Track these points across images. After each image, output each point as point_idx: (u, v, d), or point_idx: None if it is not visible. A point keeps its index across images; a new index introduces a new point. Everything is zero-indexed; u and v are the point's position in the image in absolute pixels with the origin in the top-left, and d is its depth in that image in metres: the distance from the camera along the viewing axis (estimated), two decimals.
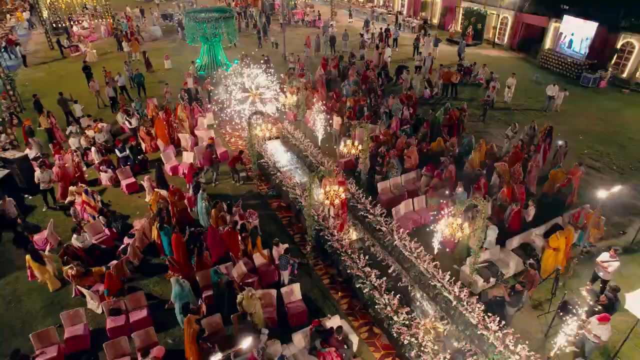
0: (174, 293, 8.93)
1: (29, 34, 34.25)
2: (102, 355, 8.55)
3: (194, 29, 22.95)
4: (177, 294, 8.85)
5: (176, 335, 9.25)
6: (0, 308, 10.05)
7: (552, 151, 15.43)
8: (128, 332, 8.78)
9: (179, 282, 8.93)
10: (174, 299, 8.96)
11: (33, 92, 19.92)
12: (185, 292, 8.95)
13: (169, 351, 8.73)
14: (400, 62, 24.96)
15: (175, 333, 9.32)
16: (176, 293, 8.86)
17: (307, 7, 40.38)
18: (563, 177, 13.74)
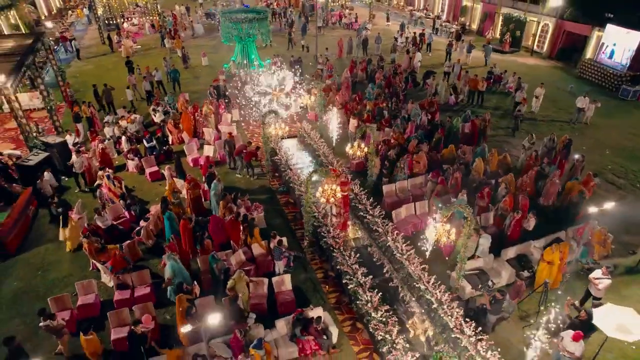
0: (170, 267, 9.72)
1: (86, 29, 36.92)
2: (107, 323, 9.51)
3: (229, 28, 24.01)
4: (172, 267, 9.64)
5: (174, 313, 10.09)
6: (29, 275, 11.32)
7: (569, 164, 15.10)
8: (131, 305, 9.70)
9: (172, 257, 9.73)
10: (171, 275, 9.76)
11: (82, 82, 21.72)
12: (179, 267, 9.75)
13: (166, 326, 9.62)
14: (431, 67, 24.93)
15: (174, 310, 10.16)
16: (172, 267, 9.66)
17: (346, 9, 40.84)
18: (579, 189, 13.53)
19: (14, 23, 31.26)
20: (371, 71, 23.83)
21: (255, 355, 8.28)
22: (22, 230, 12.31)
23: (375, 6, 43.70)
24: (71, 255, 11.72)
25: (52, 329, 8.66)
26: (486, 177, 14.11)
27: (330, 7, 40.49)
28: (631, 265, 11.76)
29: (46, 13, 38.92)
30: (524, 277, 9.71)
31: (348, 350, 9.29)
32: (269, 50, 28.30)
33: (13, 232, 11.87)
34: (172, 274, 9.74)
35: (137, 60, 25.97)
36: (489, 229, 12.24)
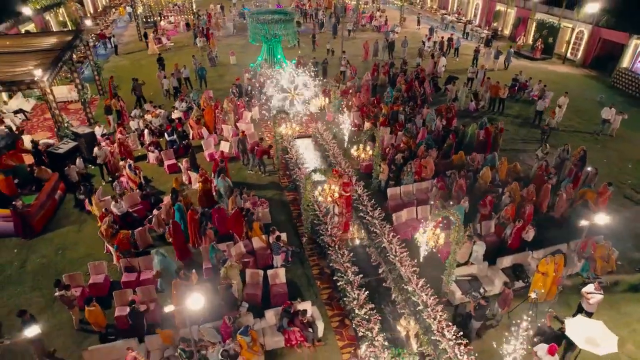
0: (158, 262, 10.41)
1: (126, 26, 38.84)
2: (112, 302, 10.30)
3: (256, 29, 24.73)
4: (161, 262, 10.34)
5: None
6: (51, 253, 12.35)
7: (583, 176, 14.76)
8: (136, 287, 10.44)
9: (160, 253, 10.44)
10: (160, 269, 10.44)
11: (118, 77, 23.04)
12: (168, 261, 10.41)
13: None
14: (456, 73, 24.74)
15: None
16: (160, 261, 10.35)
17: (378, 11, 40.91)
18: (593, 198, 13.29)
19: (62, 20, 33.38)
20: (393, 74, 23.93)
21: (241, 342, 8.81)
22: (48, 212, 13.40)
23: (407, 9, 43.55)
24: (89, 238, 12.66)
25: (65, 299, 9.52)
26: (494, 185, 14.08)
27: (362, 9, 40.66)
28: (636, 282, 11.49)
29: (92, 10, 41.22)
30: (511, 286, 9.72)
31: (333, 345, 9.65)
32: (296, 51, 28.88)
33: (39, 214, 12.95)
34: (161, 267, 10.41)
35: (170, 57, 27.19)
36: (489, 237, 12.28)
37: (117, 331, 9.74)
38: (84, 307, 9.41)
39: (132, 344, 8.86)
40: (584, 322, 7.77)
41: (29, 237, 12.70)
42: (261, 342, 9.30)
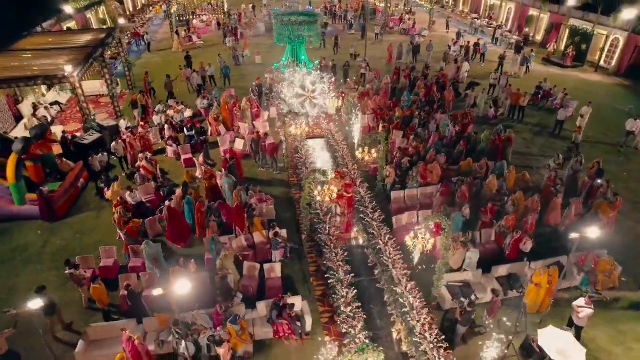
0: (145, 254, 11.06)
1: (161, 24, 40.43)
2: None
3: (281, 30, 25.30)
4: (146, 253, 10.96)
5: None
6: (70, 236, 13.29)
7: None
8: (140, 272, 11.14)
9: (147, 244, 11.16)
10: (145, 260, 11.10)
11: (149, 73, 24.17)
12: (153, 251, 11.02)
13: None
14: (480, 79, 24.44)
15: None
16: (147, 253, 10.99)
17: (407, 14, 40.73)
18: (608, 211, 13.02)
19: (102, 18, 35.19)
20: (414, 78, 23.91)
21: (230, 330, 9.29)
22: (71, 199, 14.39)
23: (437, 13, 43.15)
24: (104, 225, 13.51)
25: (74, 277, 10.30)
26: (501, 194, 13.97)
27: (391, 12, 40.59)
28: (638, 300, 11.19)
29: (131, 9, 43.12)
30: (498, 294, 9.73)
31: (320, 340, 9.97)
32: (320, 52, 29.28)
33: (62, 200, 13.95)
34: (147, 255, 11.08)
35: (199, 55, 28.18)
36: (488, 245, 12.28)
37: (120, 312, 10.46)
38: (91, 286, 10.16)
39: (131, 324, 9.53)
40: (556, 333, 7.74)
41: (52, 220, 13.70)
42: (251, 332, 9.76)
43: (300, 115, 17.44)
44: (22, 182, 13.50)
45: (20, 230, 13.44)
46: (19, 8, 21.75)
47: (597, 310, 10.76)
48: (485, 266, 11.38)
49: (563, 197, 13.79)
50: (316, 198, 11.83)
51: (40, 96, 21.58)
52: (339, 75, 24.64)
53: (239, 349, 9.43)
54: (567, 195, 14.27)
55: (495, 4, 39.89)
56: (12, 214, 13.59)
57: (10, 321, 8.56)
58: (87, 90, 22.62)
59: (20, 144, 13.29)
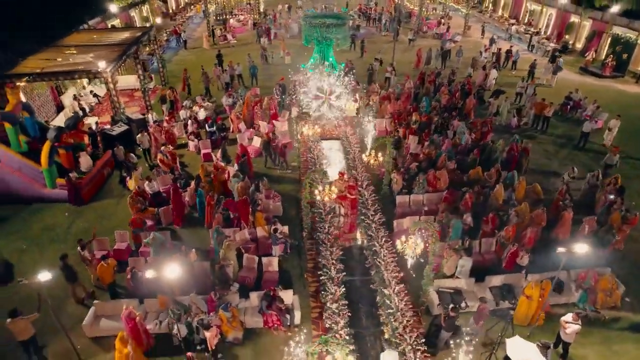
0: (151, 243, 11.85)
1: (200, 23, 42.02)
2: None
3: (309, 31, 25.84)
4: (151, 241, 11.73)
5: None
6: (93, 220, 14.37)
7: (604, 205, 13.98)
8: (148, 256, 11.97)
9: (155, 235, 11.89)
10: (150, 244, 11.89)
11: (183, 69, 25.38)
12: (159, 242, 11.76)
13: None
14: (509, 87, 23.95)
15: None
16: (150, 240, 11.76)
17: (443, 18, 40.24)
18: (621, 226, 12.72)
19: (145, 16, 37.08)
20: (438, 84, 23.80)
21: (222, 316, 9.89)
22: (96, 185, 15.54)
23: (475, 17, 42.37)
24: (123, 211, 14.49)
25: (82, 257, 11.21)
26: (509, 205, 13.82)
27: (426, 16, 40.22)
28: (638, 322, 10.87)
29: (174, 7, 45.07)
30: (485, 300, 9.75)
31: (307, 333, 10.37)
32: (348, 55, 29.56)
33: (89, 186, 15.11)
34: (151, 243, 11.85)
35: (231, 54, 29.18)
36: (488, 255, 12.26)
37: (126, 292, 11.32)
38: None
39: (133, 304, 10.33)
40: (522, 344, 7.77)
41: (78, 204, 14.86)
42: (242, 320, 10.32)
43: (313, 116, 17.87)
44: (54, 168, 14.73)
45: (50, 211, 14.70)
46: (68, 6, 23.43)
47: (593, 329, 10.67)
48: (481, 275, 11.42)
49: (577, 213, 13.51)
50: (316, 197, 12.22)
51: (81, 88, 23.19)
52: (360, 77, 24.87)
53: (229, 335, 10.02)
54: (582, 211, 13.99)
55: (535, 10, 38.68)
56: (44, 196, 14.86)
57: (35, 305, 9.50)
58: (122, 84, 24.22)
59: (53, 132, 14.52)
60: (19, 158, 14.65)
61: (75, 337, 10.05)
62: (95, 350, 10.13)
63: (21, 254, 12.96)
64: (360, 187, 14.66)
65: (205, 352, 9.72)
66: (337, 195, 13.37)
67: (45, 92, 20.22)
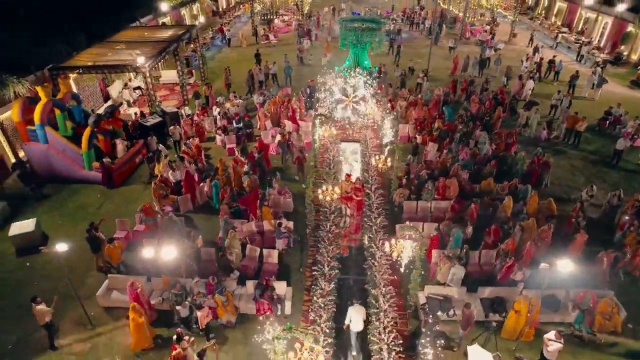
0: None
1: (247, 21, 43.58)
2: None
3: (345, 34, 26.28)
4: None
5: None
6: (121, 202, 15.71)
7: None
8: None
9: (172, 219, 12.78)
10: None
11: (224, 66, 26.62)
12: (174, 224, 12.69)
13: None
14: (547, 98, 23.20)
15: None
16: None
17: (489, 24, 39.23)
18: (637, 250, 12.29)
19: (195, 14, 39.05)
20: (470, 92, 23.48)
21: (217, 299, 10.66)
22: (127, 171, 16.93)
23: (525, 24, 40.97)
24: (148, 197, 15.68)
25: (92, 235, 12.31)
26: (519, 218, 13.63)
27: (471, 22, 39.37)
28: (637, 350, 10.49)
29: (224, 6, 47.01)
30: (470, 307, 9.80)
31: (295, 324, 10.87)
32: (383, 59, 29.67)
33: (120, 171, 16.51)
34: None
35: (271, 54, 30.13)
36: (486, 267, 12.24)
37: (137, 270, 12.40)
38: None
39: (142, 280, 11.35)
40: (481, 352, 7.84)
41: (110, 187, 16.29)
42: (236, 305, 11.05)
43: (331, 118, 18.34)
44: (92, 151, 16.22)
45: (85, 191, 16.22)
46: (121, 5, 25.38)
47: (585, 350, 10.48)
48: (475, 285, 11.45)
49: (594, 233, 13.13)
50: (318, 196, 12.72)
51: (128, 81, 25.03)
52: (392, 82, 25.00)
53: (223, 317, 10.78)
54: (599, 232, 13.58)
55: (590, 18, 36.79)
56: (82, 177, 16.41)
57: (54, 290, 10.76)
58: (165, 78, 25.90)
59: (93, 118, 16.00)
60: (65, 141, 16.23)
61: (90, 306, 11.25)
62: (106, 319, 11.25)
63: (57, 227, 14.46)
64: (369, 190, 14.98)
65: (199, 330, 10.53)
66: (343, 196, 13.85)
67: (94, 84, 22.09)
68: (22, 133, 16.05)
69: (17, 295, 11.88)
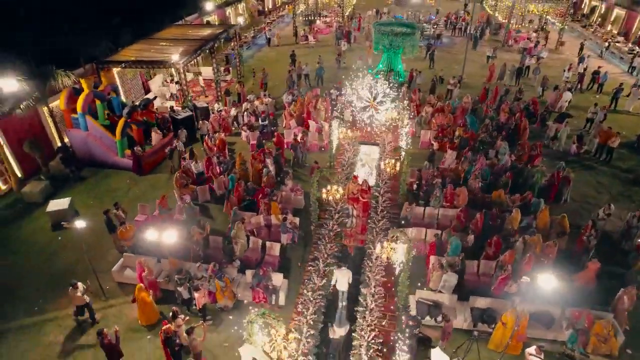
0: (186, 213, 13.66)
1: (290, 22, 44.62)
2: None
3: (379, 38, 26.49)
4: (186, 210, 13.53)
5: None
6: (146, 189, 16.94)
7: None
8: None
9: (190, 206, 13.62)
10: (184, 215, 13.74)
11: (262, 65, 27.67)
12: (191, 210, 13.51)
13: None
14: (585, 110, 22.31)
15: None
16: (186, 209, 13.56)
17: (536, 31, 37.85)
18: None
19: (240, 13, 40.55)
20: (501, 101, 22.95)
21: (216, 284, 11.42)
22: (156, 160, 18.19)
23: (577, 32, 39.18)
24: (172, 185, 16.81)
25: (117, 215, 13.45)
26: (526, 231, 13.41)
27: (517, 29, 38.12)
28: None
29: (270, 6, 48.36)
30: (448, 319, 9.92)
31: (288, 314, 11.47)
32: (421, 64, 29.55)
33: (150, 159, 17.79)
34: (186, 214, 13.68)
35: (309, 54, 30.84)
36: (484, 277, 12.20)
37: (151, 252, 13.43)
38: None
39: (152, 261, 12.34)
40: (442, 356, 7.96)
41: (139, 174, 17.59)
42: (234, 291, 11.75)
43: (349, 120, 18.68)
44: (125, 140, 17.60)
45: (116, 176, 17.63)
46: (168, 4, 27.03)
47: None
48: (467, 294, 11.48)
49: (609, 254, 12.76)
50: (322, 195, 13.18)
51: (169, 75, 26.60)
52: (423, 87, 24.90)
53: (220, 302, 11.53)
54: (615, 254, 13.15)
55: None
56: (115, 163, 17.84)
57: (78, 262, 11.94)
58: (204, 75, 27.23)
59: (127, 110, 17.35)
60: (102, 130, 17.71)
61: (106, 280, 12.39)
62: (118, 292, 12.34)
63: (88, 207, 15.86)
64: (378, 193, 15.25)
65: (198, 311, 11.34)
66: (350, 197, 14.23)
67: (135, 77, 23.72)
68: (66, 120, 17.69)
69: (51, 265, 13.38)
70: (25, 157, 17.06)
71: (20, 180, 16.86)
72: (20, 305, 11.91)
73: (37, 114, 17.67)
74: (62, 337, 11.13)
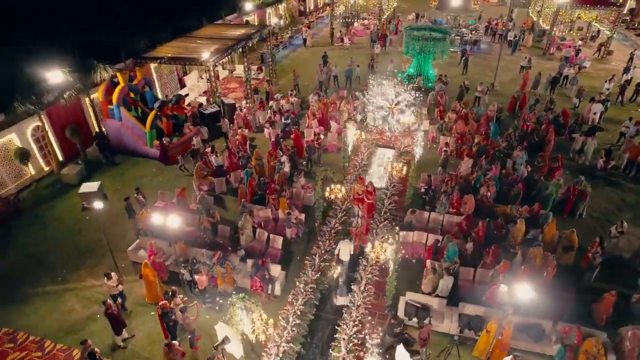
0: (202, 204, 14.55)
1: (329, 23, 45.19)
2: None
3: (410, 43, 26.53)
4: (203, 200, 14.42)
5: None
6: (169, 178, 18.05)
7: None
8: None
9: (204, 197, 14.48)
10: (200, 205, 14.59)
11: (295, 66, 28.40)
12: (206, 202, 14.37)
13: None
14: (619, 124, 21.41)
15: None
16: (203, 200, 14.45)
17: (583, 39, 36.26)
18: None
19: (280, 13, 41.58)
20: (530, 111, 22.39)
21: (218, 270, 12.20)
22: (181, 151, 19.30)
23: (631, 42, 37.14)
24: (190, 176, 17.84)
25: (135, 198, 14.55)
26: (531, 243, 13.26)
27: (561, 36, 36.65)
28: None
29: (311, 7, 49.19)
30: (424, 325, 10.07)
31: (282, 304, 12.05)
32: (450, 70, 29.24)
33: (176, 151, 18.92)
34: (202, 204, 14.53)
35: (343, 56, 31.26)
36: (479, 285, 12.23)
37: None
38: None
39: (164, 244, 13.32)
40: (405, 355, 8.18)
41: (165, 163, 18.79)
42: (234, 277, 12.48)
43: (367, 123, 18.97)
44: (154, 131, 18.87)
45: (144, 164, 18.94)
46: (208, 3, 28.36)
47: None
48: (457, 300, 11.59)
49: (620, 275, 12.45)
50: (326, 194, 13.65)
51: (204, 72, 27.93)
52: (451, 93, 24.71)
53: (221, 287, 12.31)
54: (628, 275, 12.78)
55: None
56: (144, 152, 19.17)
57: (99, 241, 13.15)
58: (237, 72, 28.37)
59: (158, 104, 18.59)
60: (134, 121, 19.07)
61: (121, 258, 13.51)
62: (131, 271, 13.43)
63: (115, 191, 17.18)
64: (385, 195, 15.51)
65: (198, 293, 12.17)
66: (355, 198, 14.63)
67: (172, 72, 25.15)
68: (103, 110, 19.20)
69: (76, 240, 14.75)
70: (66, 142, 18.72)
71: (60, 163, 18.51)
72: (45, 273, 13.27)
73: (79, 104, 19.29)
74: (79, 305, 12.32)
